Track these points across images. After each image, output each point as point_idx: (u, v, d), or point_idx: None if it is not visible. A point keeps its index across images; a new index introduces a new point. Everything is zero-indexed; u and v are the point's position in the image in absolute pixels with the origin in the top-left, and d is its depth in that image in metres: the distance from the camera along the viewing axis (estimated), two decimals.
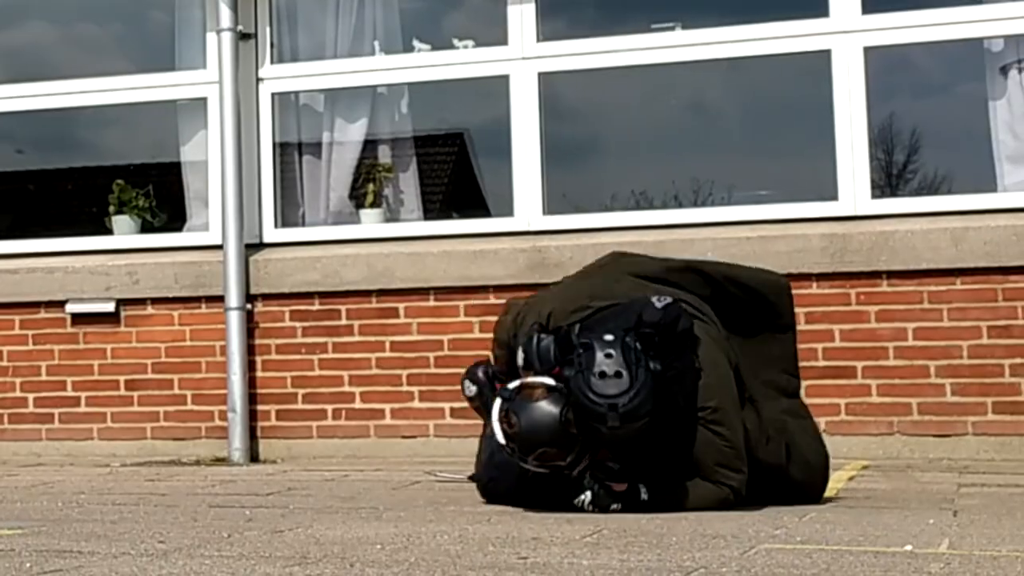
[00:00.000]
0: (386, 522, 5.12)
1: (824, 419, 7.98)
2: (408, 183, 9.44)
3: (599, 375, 5.06)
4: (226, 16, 8.97)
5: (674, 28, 8.76)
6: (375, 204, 9.27)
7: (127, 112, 9.78)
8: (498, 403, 5.30)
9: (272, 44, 9.25)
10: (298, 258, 8.93)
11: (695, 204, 8.94)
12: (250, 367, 8.88)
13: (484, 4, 9.23)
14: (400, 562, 3.99)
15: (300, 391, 8.88)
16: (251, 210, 9.07)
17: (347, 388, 8.80)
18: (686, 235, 8.23)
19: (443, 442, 8.54)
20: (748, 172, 9.03)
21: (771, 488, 5.53)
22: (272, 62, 9.25)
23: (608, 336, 5.16)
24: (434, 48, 9.21)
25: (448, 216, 10.00)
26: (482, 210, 9.64)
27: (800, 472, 5.65)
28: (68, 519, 5.38)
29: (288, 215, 9.30)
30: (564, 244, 8.41)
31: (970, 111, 8.57)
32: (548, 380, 5.22)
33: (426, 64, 9.15)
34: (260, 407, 8.89)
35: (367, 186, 9.32)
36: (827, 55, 8.34)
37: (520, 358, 5.35)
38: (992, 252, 7.87)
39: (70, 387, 9.23)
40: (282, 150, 9.35)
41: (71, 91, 9.56)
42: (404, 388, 8.66)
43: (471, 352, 7.92)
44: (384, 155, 9.47)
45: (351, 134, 9.39)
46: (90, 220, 9.82)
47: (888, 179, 8.86)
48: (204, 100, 9.29)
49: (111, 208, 9.61)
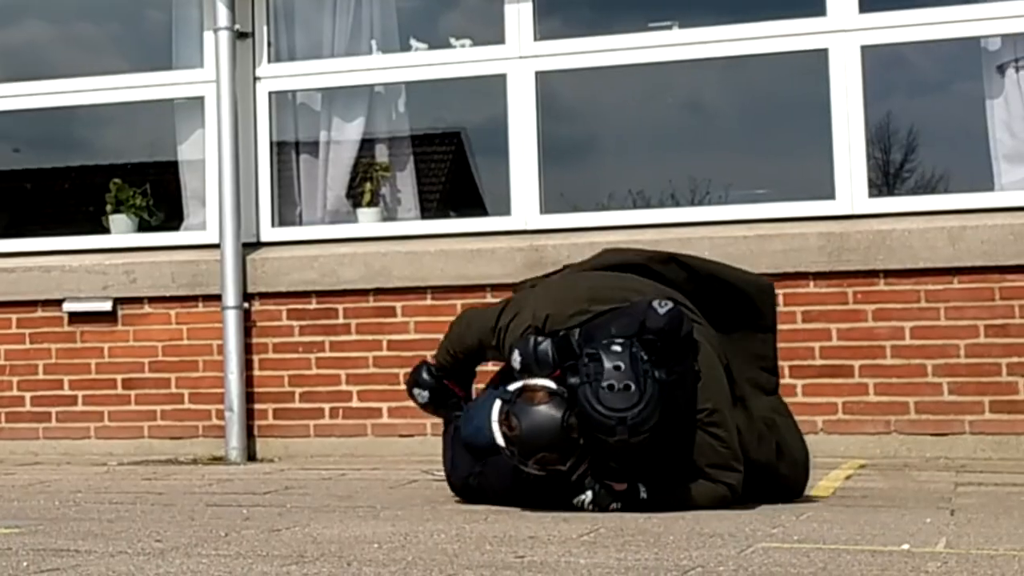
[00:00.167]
0: (383, 521, 5.12)
1: (821, 418, 8.00)
2: (405, 182, 9.44)
3: (608, 388, 5.03)
4: (223, 15, 8.97)
5: (671, 27, 8.76)
6: (372, 203, 9.27)
7: (124, 111, 9.77)
8: (498, 404, 5.27)
9: (269, 43, 9.25)
10: (295, 257, 8.93)
11: (692, 203, 8.95)
12: (247, 366, 8.88)
13: (481, 3, 9.23)
14: (397, 561, 3.99)
15: (297, 390, 8.87)
16: (248, 209, 9.07)
17: (344, 387, 8.80)
18: (683, 234, 8.23)
19: (440, 441, 8.50)
20: (745, 171, 9.03)
21: (760, 485, 5.55)
22: (269, 61, 9.25)
23: (616, 347, 5.12)
24: (431, 47, 9.21)
25: (445, 215, 10.00)
26: (479, 209, 9.63)
27: (788, 469, 5.72)
28: (65, 518, 5.37)
29: (285, 214, 9.30)
30: (561, 243, 8.41)
31: (967, 110, 8.57)
32: (550, 383, 5.19)
33: (423, 63, 9.15)
34: (257, 406, 8.89)
35: (364, 185, 9.32)
36: (824, 54, 8.34)
37: (517, 360, 5.31)
38: (989, 251, 7.87)
39: (67, 386, 9.23)
40: (279, 149, 9.34)
41: (68, 90, 9.56)
42: (401, 387, 8.55)
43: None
44: (381, 154, 9.47)
45: (348, 133, 9.39)
46: (87, 219, 9.82)
47: (885, 178, 8.87)
48: (201, 99, 9.29)
49: (108, 207, 9.60)
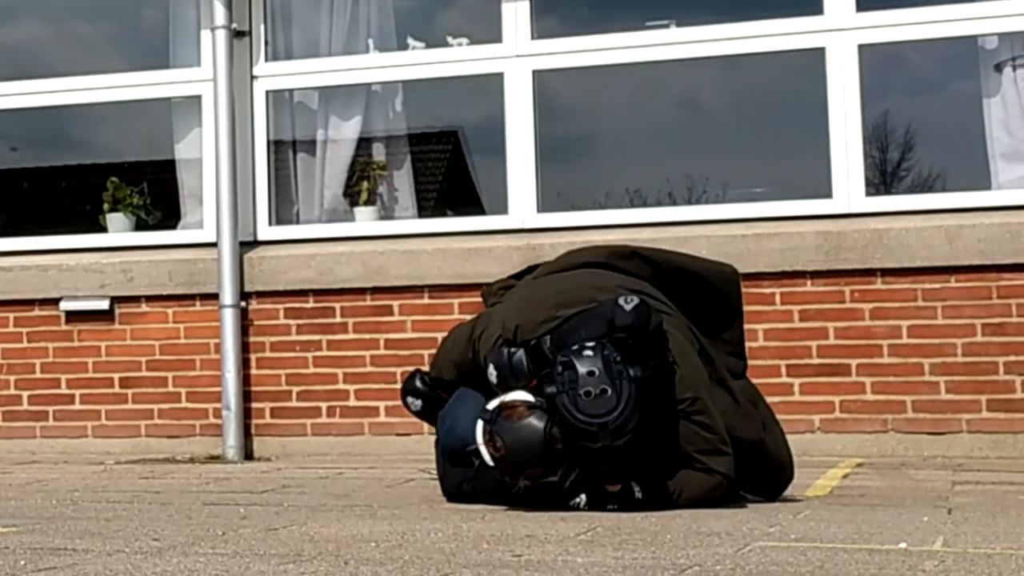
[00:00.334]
0: (380, 520, 5.12)
1: (818, 417, 8.00)
2: (402, 181, 9.44)
3: (585, 394, 5.03)
4: (220, 14, 8.97)
5: (668, 26, 8.76)
6: (369, 202, 9.27)
7: (121, 110, 9.77)
8: (480, 425, 5.26)
9: (266, 42, 9.25)
10: (292, 256, 8.93)
11: (689, 202, 8.94)
12: (244, 365, 8.88)
13: (478, 2, 9.22)
14: (394, 560, 3.99)
15: (294, 389, 8.87)
16: (245, 208, 9.06)
17: (341, 386, 8.80)
18: (680, 233, 8.22)
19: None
20: (742, 170, 9.03)
21: (749, 465, 5.54)
22: (266, 60, 9.25)
23: (587, 352, 5.12)
24: (428, 46, 9.21)
25: (442, 214, 10.01)
26: (476, 208, 9.64)
27: (773, 443, 5.73)
28: (62, 517, 5.37)
29: (282, 213, 9.30)
30: (558, 242, 8.39)
31: (964, 109, 8.57)
32: (528, 396, 5.19)
33: (420, 62, 9.15)
34: (254, 405, 8.89)
35: (361, 184, 9.31)
36: (821, 53, 8.35)
37: (493, 374, 5.29)
38: (986, 250, 7.87)
39: (64, 385, 9.23)
40: (276, 148, 9.34)
41: (65, 89, 9.56)
42: (398, 386, 8.58)
43: None
44: (378, 153, 9.47)
45: (345, 132, 9.39)
46: (84, 218, 9.82)
47: (882, 177, 8.87)
48: (198, 98, 9.29)
49: (105, 206, 9.60)
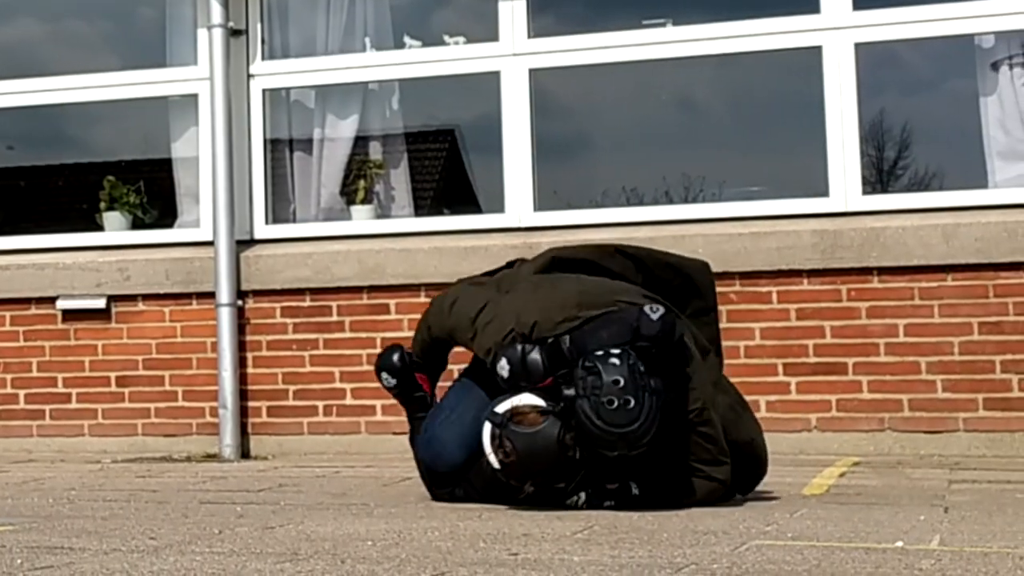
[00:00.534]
0: (377, 518, 5.12)
1: (815, 415, 8.00)
2: (399, 179, 9.44)
3: (608, 403, 4.99)
4: (217, 12, 8.96)
5: (665, 24, 8.76)
6: (366, 200, 9.26)
7: (118, 108, 9.76)
8: (488, 428, 5.21)
9: (263, 40, 9.25)
10: (289, 254, 8.92)
11: (686, 200, 8.94)
12: (241, 363, 8.88)
13: (475, 0, 9.22)
14: (391, 558, 3.99)
15: (291, 387, 8.87)
16: (242, 206, 9.06)
17: (338, 384, 8.80)
18: (677, 231, 8.23)
19: None
20: (739, 168, 9.03)
21: (736, 463, 5.52)
22: (263, 58, 9.24)
23: (614, 360, 5.06)
24: (425, 44, 9.20)
25: (439, 212, 10.01)
26: (473, 206, 9.64)
27: (760, 441, 5.72)
28: (59, 515, 5.37)
29: (279, 211, 9.30)
30: (555, 240, 8.38)
31: (961, 107, 8.57)
32: (539, 401, 5.15)
33: (417, 60, 9.14)
34: (251, 403, 8.89)
35: (358, 182, 9.31)
36: (818, 51, 8.34)
37: (504, 368, 5.24)
38: (983, 248, 7.88)
39: (61, 383, 9.22)
40: (273, 146, 9.34)
41: (62, 87, 9.55)
42: None
43: (463, 349, 7.91)
44: (375, 151, 9.47)
45: (342, 130, 9.39)
46: (81, 216, 9.82)
47: (879, 175, 8.87)
48: (195, 96, 9.28)
49: (102, 204, 9.60)
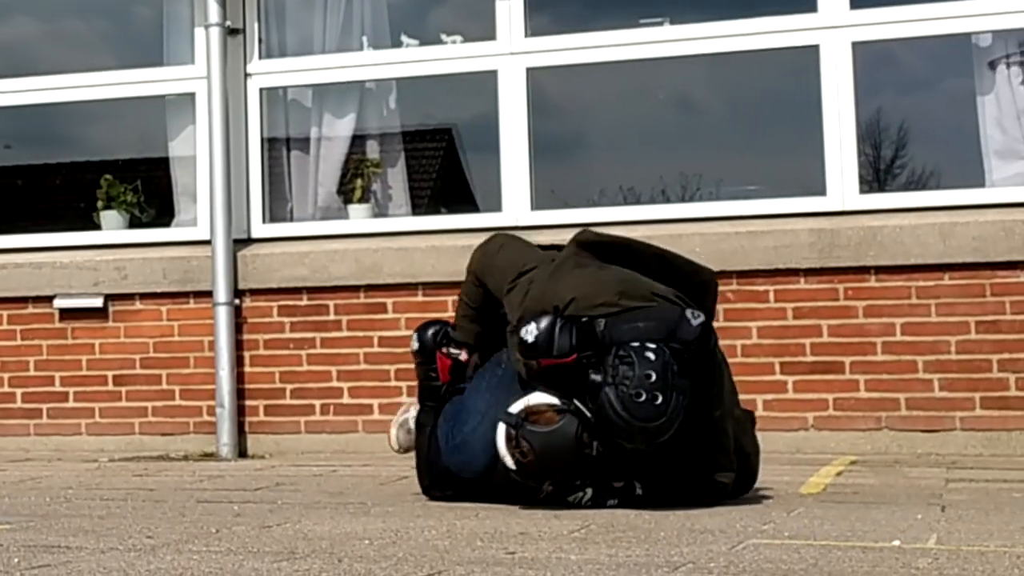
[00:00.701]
0: (374, 517, 5.12)
1: (812, 414, 8.00)
2: (396, 178, 9.44)
3: (636, 395, 4.98)
4: (214, 11, 8.96)
5: (662, 23, 8.76)
6: (363, 199, 9.26)
7: (115, 107, 9.76)
8: (503, 429, 5.19)
9: (260, 39, 9.24)
10: (286, 253, 8.92)
11: (683, 199, 8.94)
12: (238, 362, 8.87)
13: None
14: (388, 557, 3.99)
15: (288, 386, 8.87)
16: (239, 205, 9.06)
17: (335, 383, 8.79)
18: (674, 230, 8.22)
19: None
20: (736, 167, 9.03)
21: (737, 472, 5.54)
22: (260, 57, 9.24)
23: (650, 354, 5.04)
24: (422, 43, 9.20)
25: (436, 211, 10.00)
26: (470, 205, 9.64)
27: (756, 460, 5.72)
28: (56, 514, 5.37)
29: (276, 210, 9.30)
30: (552, 239, 8.35)
31: (958, 106, 8.57)
32: (553, 400, 5.14)
33: (414, 59, 9.14)
34: (248, 402, 8.88)
35: (355, 181, 9.31)
36: (815, 50, 8.34)
37: (531, 333, 5.18)
38: (980, 247, 7.88)
39: (58, 382, 9.22)
40: (270, 145, 9.34)
41: (59, 86, 9.54)
42: (392, 383, 8.65)
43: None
44: (372, 150, 9.47)
45: (339, 129, 9.39)
46: (78, 215, 9.81)
47: (876, 174, 8.87)
48: (192, 95, 9.28)
49: (99, 203, 9.60)
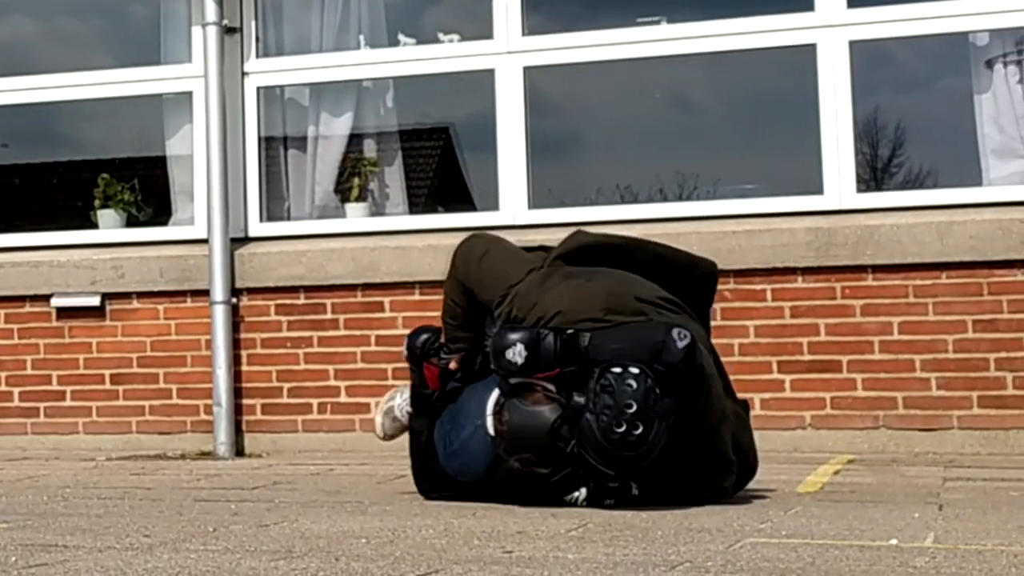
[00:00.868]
0: (371, 516, 5.12)
1: (809, 413, 8.00)
2: (393, 177, 9.44)
3: (616, 425, 4.96)
4: (211, 10, 8.95)
5: (659, 22, 8.76)
6: (360, 198, 9.26)
7: (112, 106, 9.76)
8: (495, 395, 5.28)
9: (257, 38, 9.24)
10: (283, 252, 8.92)
11: (680, 198, 8.95)
12: (235, 361, 8.87)
13: None
14: (386, 556, 3.98)
15: (285, 385, 8.87)
16: (236, 204, 9.06)
17: (332, 382, 8.79)
18: (671, 229, 8.21)
19: None
20: (733, 166, 9.03)
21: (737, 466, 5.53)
22: (257, 56, 9.24)
23: (631, 381, 5.01)
24: (419, 42, 9.20)
25: (433, 210, 10.01)
26: (467, 204, 9.64)
27: (754, 450, 5.71)
28: (53, 513, 5.37)
29: (273, 209, 9.29)
30: (549, 238, 8.33)
31: (955, 105, 8.57)
32: (549, 384, 5.16)
33: (411, 58, 9.14)
34: (245, 401, 8.88)
35: (352, 180, 9.31)
36: (812, 49, 8.34)
37: (521, 355, 5.18)
38: (977, 246, 7.88)
39: (55, 381, 9.21)
40: (267, 144, 9.34)
41: (56, 85, 9.53)
42: (389, 382, 8.63)
43: None
44: (369, 149, 9.47)
45: (336, 128, 9.39)
46: (75, 214, 9.81)
47: (873, 173, 8.87)
48: (189, 94, 9.28)
49: (96, 202, 9.60)
